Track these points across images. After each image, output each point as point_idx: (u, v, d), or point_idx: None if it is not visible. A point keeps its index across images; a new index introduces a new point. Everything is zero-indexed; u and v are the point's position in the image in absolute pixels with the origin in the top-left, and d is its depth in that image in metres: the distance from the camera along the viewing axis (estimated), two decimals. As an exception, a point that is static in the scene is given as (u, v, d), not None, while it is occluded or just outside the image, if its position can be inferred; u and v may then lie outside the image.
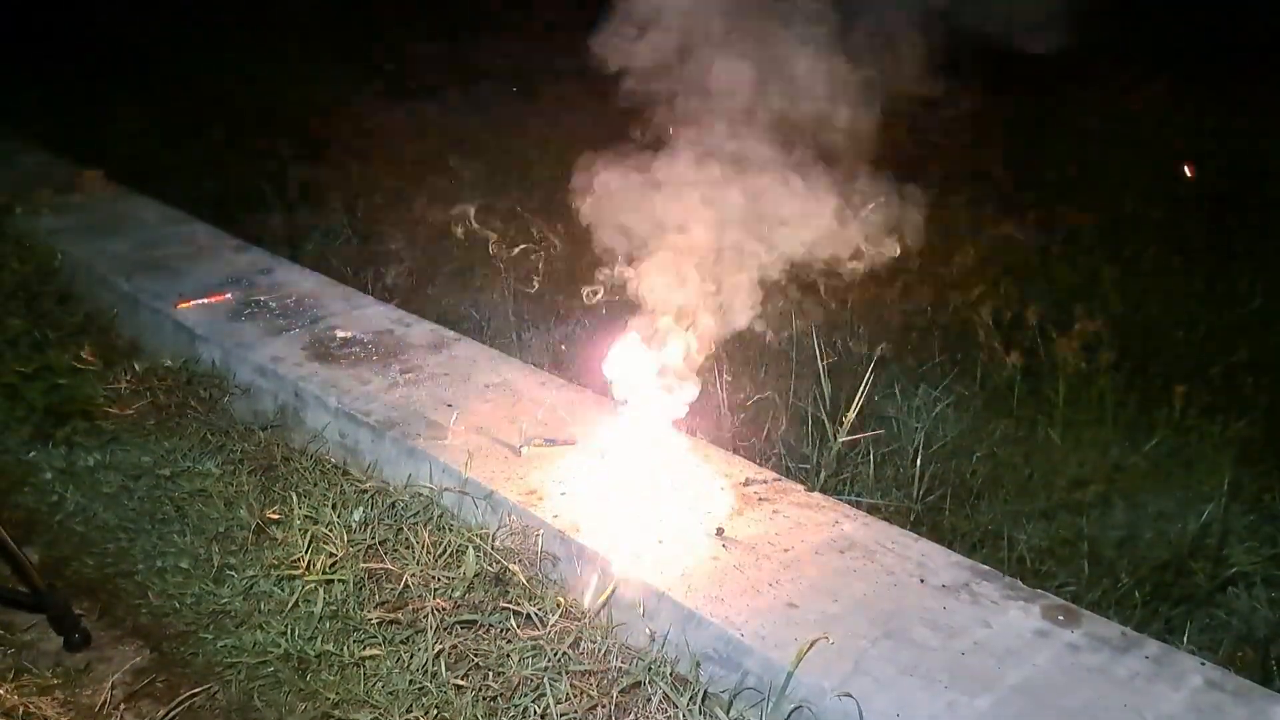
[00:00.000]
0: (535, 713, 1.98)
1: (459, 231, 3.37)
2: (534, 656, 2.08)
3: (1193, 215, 4.51)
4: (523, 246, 3.59)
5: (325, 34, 7.79)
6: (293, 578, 2.34)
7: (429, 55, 7.70)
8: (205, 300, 3.45)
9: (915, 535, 2.29)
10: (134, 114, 6.30)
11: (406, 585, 2.28)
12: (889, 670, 1.86)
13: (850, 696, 1.78)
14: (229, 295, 3.51)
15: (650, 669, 2.02)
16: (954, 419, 3.23)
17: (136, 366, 3.24)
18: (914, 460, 2.90)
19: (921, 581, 2.11)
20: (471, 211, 3.27)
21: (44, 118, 6.04)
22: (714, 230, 2.51)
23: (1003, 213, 4.71)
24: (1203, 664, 1.87)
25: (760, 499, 2.40)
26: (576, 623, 2.15)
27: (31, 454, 2.97)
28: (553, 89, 6.59)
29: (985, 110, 5.90)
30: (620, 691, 1.99)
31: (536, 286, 3.72)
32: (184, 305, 3.40)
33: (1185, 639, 2.35)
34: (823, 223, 2.48)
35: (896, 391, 3.33)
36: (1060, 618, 1.99)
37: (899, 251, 2.58)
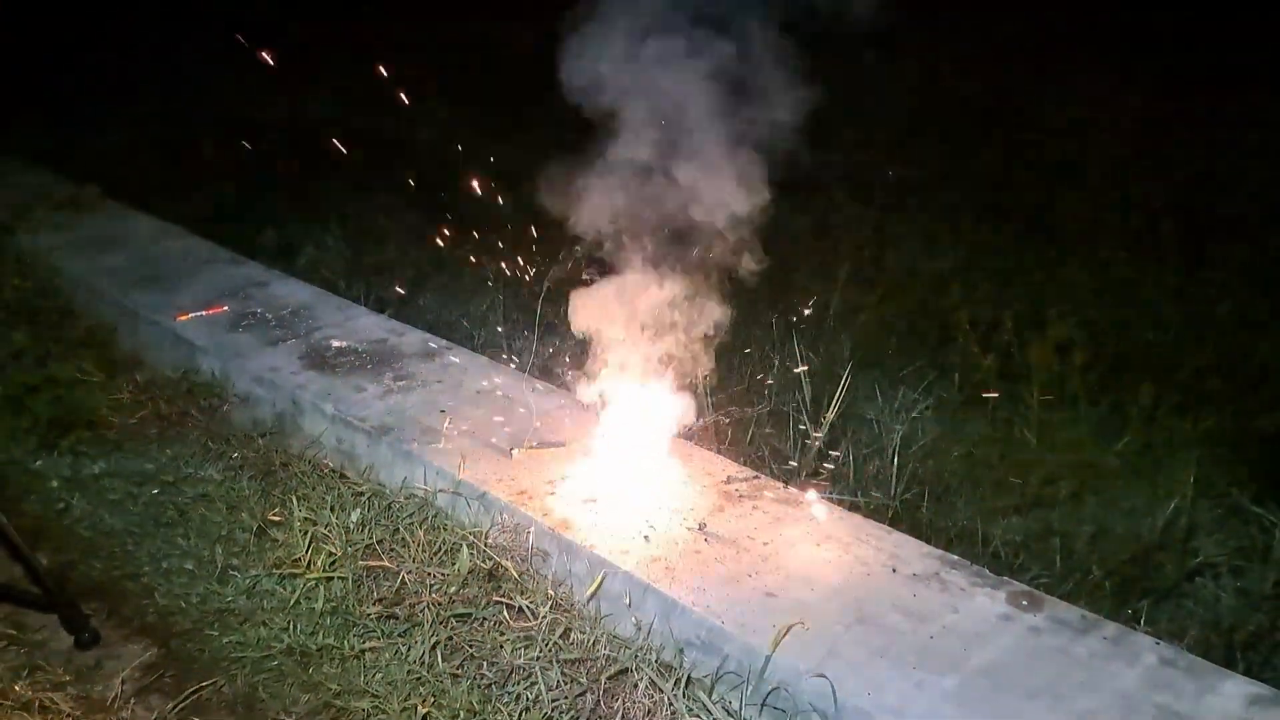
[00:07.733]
0: (527, 699, 2.08)
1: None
2: (526, 646, 2.18)
3: (1165, 221, 4.63)
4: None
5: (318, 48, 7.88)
6: (294, 576, 2.44)
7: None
8: (203, 313, 3.54)
9: (889, 528, 2.39)
10: (128, 129, 6.39)
11: (403, 582, 2.39)
12: (861, 653, 1.96)
13: (824, 677, 1.89)
14: (226, 308, 3.60)
15: (636, 656, 2.12)
16: (933, 420, 3.33)
17: (138, 378, 3.34)
18: (892, 459, 3.01)
19: (894, 571, 2.21)
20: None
21: (41, 135, 6.13)
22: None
23: (980, 218, 4.83)
24: (1157, 643, 1.98)
25: (741, 496, 2.50)
26: (566, 614, 2.25)
27: (38, 463, 3.06)
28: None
29: (963, 114, 6.06)
30: (608, 678, 2.09)
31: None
32: (183, 318, 3.50)
33: (1151, 627, 2.44)
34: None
35: (878, 394, 3.43)
36: (1024, 603, 2.09)
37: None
